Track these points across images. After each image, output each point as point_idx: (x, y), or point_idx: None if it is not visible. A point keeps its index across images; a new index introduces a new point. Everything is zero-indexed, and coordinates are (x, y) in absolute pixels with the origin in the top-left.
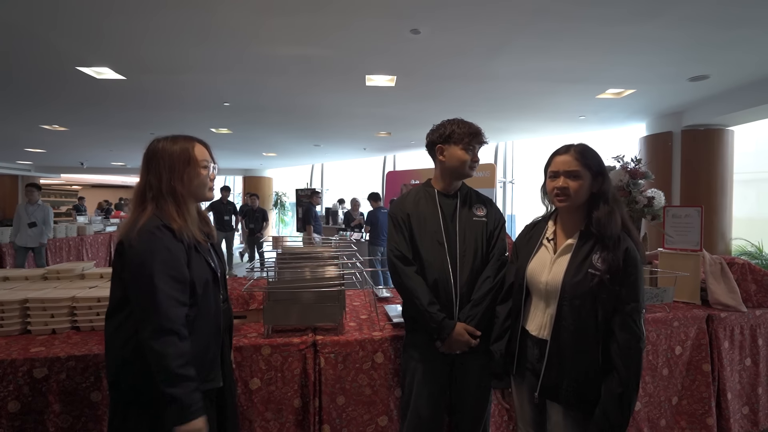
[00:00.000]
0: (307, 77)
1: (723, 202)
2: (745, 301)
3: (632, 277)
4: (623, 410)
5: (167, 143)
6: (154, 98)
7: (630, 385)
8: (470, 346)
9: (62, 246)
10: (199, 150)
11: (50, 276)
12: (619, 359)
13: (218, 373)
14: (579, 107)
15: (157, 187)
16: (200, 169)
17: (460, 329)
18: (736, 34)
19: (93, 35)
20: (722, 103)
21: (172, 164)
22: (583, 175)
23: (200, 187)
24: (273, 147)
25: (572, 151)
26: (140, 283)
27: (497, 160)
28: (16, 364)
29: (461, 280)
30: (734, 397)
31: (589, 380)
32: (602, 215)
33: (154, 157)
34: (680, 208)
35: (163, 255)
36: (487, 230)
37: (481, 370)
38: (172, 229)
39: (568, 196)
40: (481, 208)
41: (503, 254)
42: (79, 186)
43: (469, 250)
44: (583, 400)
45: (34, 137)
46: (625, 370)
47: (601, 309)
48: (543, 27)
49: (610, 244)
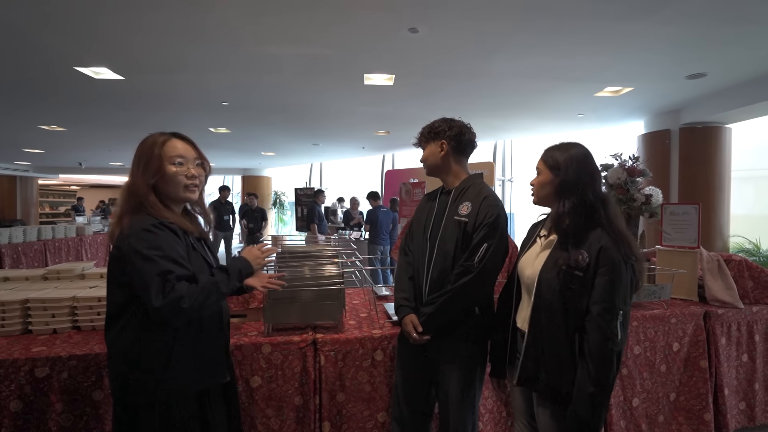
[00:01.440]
0: (306, 76)
1: (721, 200)
2: (742, 297)
3: (605, 277)
4: (594, 410)
5: (146, 139)
6: (152, 98)
7: (599, 385)
8: (413, 338)
9: (61, 246)
10: (171, 146)
11: (50, 276)
12: (588, 358)
13: (225, 369)
14: (577, 105)
15: (138, 184)
16: (168, 165)
17: (407, 319)
18: (735, 31)
19: (91, 35)
20: (720, 100)
21: (146, 161)
22: (543, 172)
23: (171, 185)
24: (272, 146)
25: (544, 150)
26: (137, 265)
27: (496, 158)
28: (17, 364)
29: (432, 277)
30: (731, 392)
31: (563, 375)
32: (555, 212)
33: (135, 153)
34: (678, 205)
35: (162, 245)
36: (465, 231)
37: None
38: (168, 225)
39: (533, 194)
40: (465, 207)
41: (472, 259)
42: (77, 186)
43: (444, 249)
44: (558, 393)
45: (32, 138)
46: (594, 371)
47: (570, 306)
48: (541, 25)
49: (569, 242)
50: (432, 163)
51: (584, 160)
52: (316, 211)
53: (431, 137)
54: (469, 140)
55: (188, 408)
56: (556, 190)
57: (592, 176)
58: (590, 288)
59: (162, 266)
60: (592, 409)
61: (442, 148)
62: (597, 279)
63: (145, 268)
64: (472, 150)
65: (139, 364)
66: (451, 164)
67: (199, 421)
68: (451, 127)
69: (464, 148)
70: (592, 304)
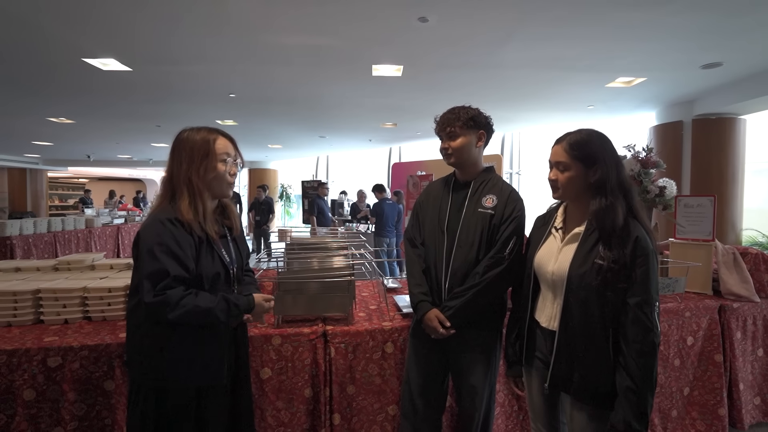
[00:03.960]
0: (314, 67)
1: (734, 192)
2: (758, 291)
3: (642, 268)
4: (641, 407)
5: (191, 133)
6: (159, 90)
7: (645, 379)
8: (439, 333)
9: (71, 238)
10: (222, 143)
11: (61, 267)
12: (629, 354)
13: (224, 369)
14: (588, 96)
15: (176, 177)
16: (218, 162)
17: (431, 315)
18: (751, 19)
19: (98, 26)
20: (734, 91)
21: (191, 155)
22: (572, 166)
23: (217, 181)
24: (278, 139)
25: (564, 142)
26: (141, 255)
27: (504, 150)
28: (30, 353)
29: (452, 269)
30: (746, 387)
31: (601, 374)
32: (597, 208)
33: (177, 146)
34: (692, 197)
35: (167, 241)
36: (492, 224)
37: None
38: (182, 221)
39: (557, 189)
40: (491, 200)
41: (503, 251)
42: (85, 179)
43: (467, 241)
44: (595, 394)
45: (41, 130)
46: (635, 367)
47: (608, 301)
48: (552, 14)
49: (613, 237)
50: (466, 153)
51: (614, 150)
52: (316, 204)
53: (470, 126)
54: (493, 132)
55: (182, 398)
56: (593, 186)
57: (622, 166)
58: (628, 280)
59: (161, 264)
60: (640, 407)
61: (480, 138)
62: (635, 270)
63: (145, 261)
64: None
65: (141, 345)
66: (479, 156)
67: (193, 414)
68: (487, 118)
69: (490, 140)
70: (630, 297)
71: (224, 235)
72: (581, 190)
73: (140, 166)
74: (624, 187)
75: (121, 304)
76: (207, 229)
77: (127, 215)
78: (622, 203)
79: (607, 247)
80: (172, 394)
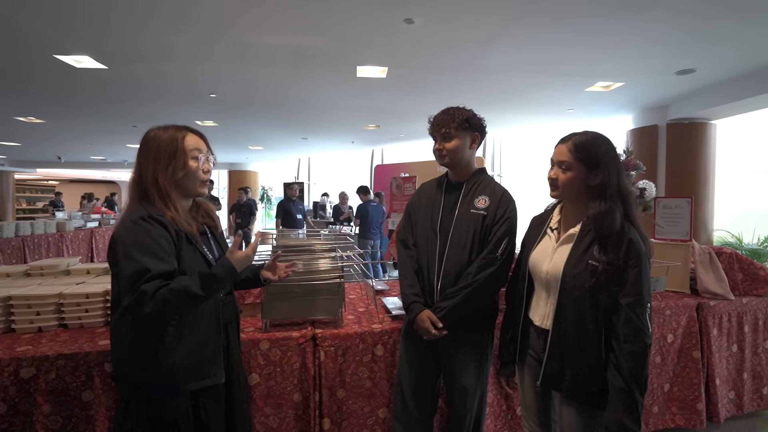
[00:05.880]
0: (296, 68)
1: (706, 194)
2: (732, 289)
3: (635, 269)
4: (633, 408)
5: (159, 132)
6: (136, 89)
7: (636, 380)
8: (431, 334)
9: (41, 242)
10: (191, 140)
11: (33, 272)
12: (621, 354)
13: (220, 369)
14: (568, 100)
15: (145, 177)
16: (189, 160)
17: (423, 316)
18: (725, 27)
19: (72, 21)
20: (706, 97)
21: (158, 154)
22: (574, 167)
23: (188, 179)
24: (259, 140)
25: (569, 143)
26: (118, 259)
27: (485, 153)
28: (1, 364)
29: (445, 270)
30: (722, 382)
31: (593, 373)
32: (596, 212)
33: (144, 146)
34: (671, 199)
35: (142, 239)
36: (484, 224)
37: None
38: (158, 219)
39: (557, 188)
40: (483, 201)
41: (495, 252)
42: (56, 181)
43: (459, 242)
44: (586, 393)
45: (8, 130)
46: (627, 367)
47: (601, 302)
48: (535, 19)
49: (608, 241)
50: (460, 154)
51: (617, 156)
52: (281, 206)
53: (464, 128)
54: (486, 134)
55: (178, 407)
56: (594, 189)
57: (623, 172)
58: (621, 281)
59: (139, 264)
60: (632, 406)
61: (474, 140)
62: (628, 272)
63: (122, 265)
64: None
65: (129, 355)
66: (472, 158)
67: (191, 422)
68: (481, 120)
69: (483, 141)
70: (622, 298)
71: (204, 232)
72: (580, 191)
73: (114, 167)
74: (623, 193)
75: (99, 310)
76: (183, 226)
77: (101, 218)
78: (620, 208)
79: (603, 249)
80: (165, 406)
